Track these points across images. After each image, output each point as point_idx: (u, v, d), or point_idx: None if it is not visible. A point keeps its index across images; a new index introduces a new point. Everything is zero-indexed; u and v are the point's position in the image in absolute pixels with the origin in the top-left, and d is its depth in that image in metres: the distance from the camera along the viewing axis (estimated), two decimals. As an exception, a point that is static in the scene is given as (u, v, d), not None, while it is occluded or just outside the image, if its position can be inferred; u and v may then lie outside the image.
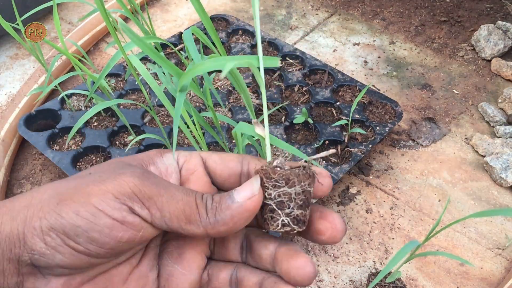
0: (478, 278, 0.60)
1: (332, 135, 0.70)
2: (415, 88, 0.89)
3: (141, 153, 0.31)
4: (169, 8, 1.07)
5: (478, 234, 0.66)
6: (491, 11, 1.07)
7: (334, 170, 0.64)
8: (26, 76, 0.88)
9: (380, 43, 0.99)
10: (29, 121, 0.72)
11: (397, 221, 0.67)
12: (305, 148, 0.68)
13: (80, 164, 0.68)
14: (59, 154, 0.67)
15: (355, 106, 0.68)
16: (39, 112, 0.74)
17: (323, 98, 0.77)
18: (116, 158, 0.33)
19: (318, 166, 0.30)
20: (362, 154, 0.67)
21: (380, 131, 0.71)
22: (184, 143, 0.71)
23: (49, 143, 0.69)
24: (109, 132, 0.71)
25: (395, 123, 0.72)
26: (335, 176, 0.64)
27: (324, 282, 0.59)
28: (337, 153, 0.70)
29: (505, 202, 0.70)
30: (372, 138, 0.70)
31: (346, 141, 0.70)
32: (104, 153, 0.69)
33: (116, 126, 0.72)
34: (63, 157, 0.66)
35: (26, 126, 0.71)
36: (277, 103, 0.76)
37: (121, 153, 0.68)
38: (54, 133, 0.70)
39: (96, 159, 0.69)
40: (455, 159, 0.76)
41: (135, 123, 0.71)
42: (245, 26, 0.93)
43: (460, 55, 0.97)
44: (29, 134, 0.70)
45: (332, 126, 0.71)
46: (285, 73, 0.82)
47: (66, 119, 0.72)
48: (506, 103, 0.83)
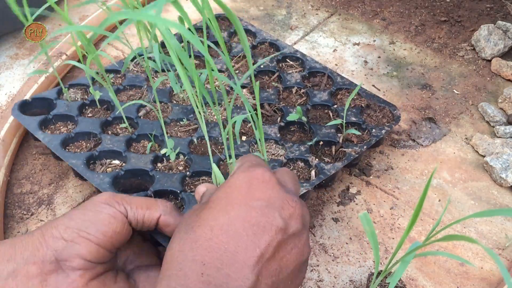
0: (478, 278, 0.61)
1: (327, 136, 0.70)
2: (415, 88, 0.89)
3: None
4: (169, 8, 1.07)
5: (478, 234, 0.66)
6: (491, 11, 1.07)
7: (326, 167, 0.65)
8: (26, 76, 0.88)
9: (380, 43, 0.99)
10: (24, 107, 0.72)
11: (397, 221, 0.67)
12: (298, 146, 0.68)
13: (69, 147, 0.68)
14: (50, 136, 0.67)
15: (348, 105, 0.68)
16: (34, 100, 0.74)
17: (320, 100, 0.77)
18: None
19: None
20: (356, 154, 0.67)
21: (376, 133, 0.70)
22: (178, 136, 0.71)
23: (41, 127, 0.69)
24: (103, 121, 0.71)
25: (392, 126, 0.72)
26: (327, 172, 0.64)
27: (324, 282, 0.59)
28: (331, 153, 0.70)
29: (505, 202, 0.70)
30: (368, 140, 0.70)
31: (340, 142, 0.70)
32: (95, 138, 0.69)
33: (110, 117, 0.72)
34: (54, 139, 0.67)
35: (20, 111, 0.71)
36: (273, 104, 0.76)
37: (112, 138, 0.68)
38: (47, 119, 0.71)
39: (86, 144, 0.69)
40: (455, 159, 0.76)
41: (130, 116, 0.72)
42: (247, 26, 0.93)
43: (460, 55, 0.97)
44: (21, 117, 0.70)
45: (327, 126, 0.71)
46: (284, 75, 0.82)
47: (61, 107, 0.73)
48: (506, 103, 0.83)
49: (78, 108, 0.73)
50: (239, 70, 0.84)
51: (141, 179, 0.64)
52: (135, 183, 0.64)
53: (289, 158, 0.67)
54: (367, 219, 0.43)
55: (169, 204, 0.46)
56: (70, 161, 0.63)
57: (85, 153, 0.65)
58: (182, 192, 0.60)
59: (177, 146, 0.67)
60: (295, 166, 0.67)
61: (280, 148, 0.69)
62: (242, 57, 0.87)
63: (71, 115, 0.72)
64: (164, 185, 0.61)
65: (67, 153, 0.65)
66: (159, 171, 0.64)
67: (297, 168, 0.67)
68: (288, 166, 0.67)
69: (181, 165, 0.66)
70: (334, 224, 0.66)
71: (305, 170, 0.66)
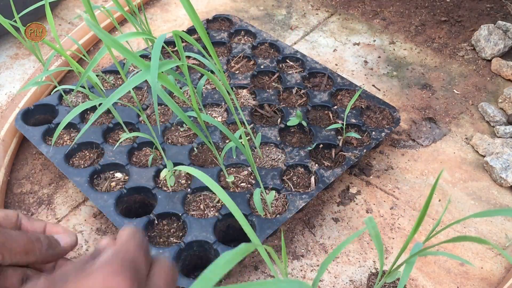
0: (478, 278, 0.61)
1: (327, 139, 0.70)
2: (415, 88, 0.89)
3: None
4: (169, 8, 1.07)
5: (478, 234, 0.66)
6: (491, 11, 1.07)
7: (326, 174, 0.64)
8: (26, 76, 0.88)
9: (380, 43, 0.99)
10: (27, 115, 0.73)
11: (397, 221, 0.67)
12: (298, 150, 0.68)
13: (73, 159, 0.69)
14: (53, 150, 0.67)
15: (349, 110, 0.68)
16: (37, 107, 0.74)
17: (320, 101, 0.77)
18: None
19: None
20: (355, 159, 0.66)
21: (376, 136, 0.70)
22: (178, 141, 0.71)
23: (45, 138, 0.70)
24: (104, 128, 0.71)
25: (391, 129, 0.72)
26: (326, 179, 0.64)
27: (324, 282, 0.59)
28: (331, 156, 0.70)
29: (505, 202, 0.70)
30: (367, 143, 0.70)
31: (340, 145, 0.69)
32: (98, 149, 0.70)
33: (112, 123, 0.72)
34: (57, 153, 0.67)
35: (24, 120, 0.71)
36: (273, 104, 0.76)
37: (114, 150, 0.68)
38: (50, 128, 0.71)
39: (89, 155, 0.69)
40: (455, 159, 0.76)
41: (130, 121, 0.72)
42: (247, 27, 0.93)
43: (460, 55, 0.97)
44: (25, 129, 0.70)
45: (327, 129, 0.71)
46: (284, 75, 0.82)
47: (63, 114, 0.73)
48: (506, 103, 0.83)
49: (80, 114, 0.72)
50: (239, 70, 0.84)
51: (144, 195, 0.64)
52: (138, 198, 0.65)
53: (289, 165, 0.67)
54: (371, 223, 0.43)
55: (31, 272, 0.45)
56: (74, 179, 0.64)
57: (88, 169, 0.65)
58: (183, 214, 0.60)
59: (178, 155, 0.67)
60: (295, 172, 0.67)
61: (280, 153, 0.69)
62: (242, 57, 0.87)
63: (74, 123, 0.72)
64: (166, 208, 0.61)
65: (71, 169, 0.65)
66: (161, 189, 0.64)
67: (297, 174, 0.67)
68: (288, 173, 0.67)
69: (183, 178, 0.66)
70: (334, 224, 0.66)
71: (305, 176, 0.66)
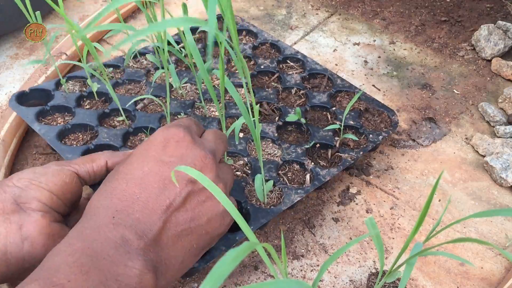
0: (478, 278, 0.61)
1: (324, 139, 0.70)
2: (415, 88, 0.89)
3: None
4: (169, 8, 1.07)
5: (478, 234, 0.66)
6: (491, 11, 1.07)
7: (321, 172, 0.65)
8: (26, 76, 0.88)
9: (380, 43, 0.99)
10: (22, 98, 0.72)
11: (397, 221, 0.67)
12: (295, 148, 0.68)
13: (66, 139, 0.68)
14: (46, 128, 0.67)
15: (347, 112, 0.68)
16: (33, 91, 0.74)
17: (319, 102, 0.77)
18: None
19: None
20: (352, 160, 0.66)
21: (373, 139, 0.70)
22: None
23: (38, 118, 0.69)
24: (100, 113, 0.71)
25: (389, 132, 0.72)
26: (322, 178, 0.64)
27: (324, 282, 0.59)
28: (327, 156, 0.70)
29: (505, 202, 0.70)
30: (364, 145, 0.70)
31: (337, 146, 0.69)
32: (92, 131, 0.69)
33: (108, 109, 0.72)
34: (50, 131, 0.67)
35: (18, 102, 0.71)
36: (272, 103, 0.76)
37: (109, 132, 0.68)
38: (44, 110, 0.71)
39: (82, 136, 0.69)
40: (455, 159, 0.76)
41: (127, 108, 0.72)
42: (249, 27, 0.93)
43: (460, 55, 0.97)
44: (19, 108, 0.70)
45: (325, 130, 0.71)
46: (284, 76, 0.82)
47: (59, 98, 0.73)
48: (506, 103, 0.83)
49: (76, 99, 0.73)
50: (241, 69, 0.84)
51: None
52: None
53: (285, 160, 0.67)
54: (372, 224, 0.43)
55: (111, 151, 0.53)
56: (66, 156, 0.64)
57: (80, 147, 0.65)
58: None
59: None
60: (290, 168, 0.67)
61: (276, 148, 0.69)
62: (245, 56, 0.87)
63: (69, 107, 0.72)
64: None
65: (63, 146, 0.65)
66: None
67: (292, 170, 0.67)
68: (284, 168, 0.67)
69: None
70: (334, 224, 0.66)
71: (300, 173, 0.66)
